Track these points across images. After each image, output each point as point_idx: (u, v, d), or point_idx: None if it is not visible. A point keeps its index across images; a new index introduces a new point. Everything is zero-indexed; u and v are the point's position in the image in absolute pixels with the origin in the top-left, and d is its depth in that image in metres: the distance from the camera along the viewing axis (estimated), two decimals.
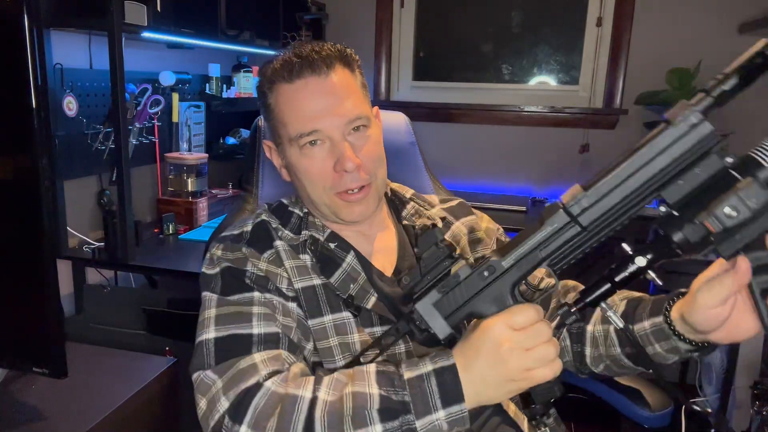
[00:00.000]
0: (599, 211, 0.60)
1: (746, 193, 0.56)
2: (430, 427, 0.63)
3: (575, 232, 0.62)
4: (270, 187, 1.18)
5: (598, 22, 2.53)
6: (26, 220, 0.88)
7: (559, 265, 0.64)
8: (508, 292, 0.65)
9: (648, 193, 0.59)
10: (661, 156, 0.58)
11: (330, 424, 0.64)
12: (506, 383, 0.64)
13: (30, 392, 1.05)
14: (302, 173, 0.86)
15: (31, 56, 0.83)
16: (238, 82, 2.34)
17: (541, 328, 0.63)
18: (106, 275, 1.84)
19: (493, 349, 0.63)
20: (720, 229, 0.56)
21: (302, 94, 0.83)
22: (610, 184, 0.60)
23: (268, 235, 0.87)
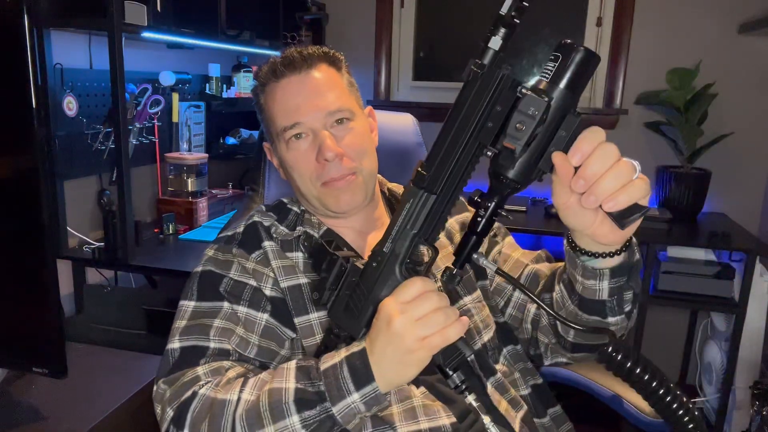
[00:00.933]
0: (441, 176, 0.66)
1: (524, 104, 0.60)
2: (347, 410, 0.67)
3: (431, 201, 0.67)
4: (276, 188, 1.22)
5: (598, 22, 2.53)
6: (26, 221, 0.88)
7: (431, 235, 0.69)
8: (397, 273, 0.69)
9: (471, 144, 0.65)
10: (466, 110, 0.64)
11: (249, 422, 0.68)
12: (406, 356, 0.66)
13: (30, 392, 1.05)
14: (290, 166, 0.91)
15: (31, 56, 0.83)
16: (238, 82, 2.34)
17: (428, 296, 0.66)
18: (106, 275, 1.84)
19: (386, 326, 0.66)
20: (520, 146, 0.61)
21: (286, 90, 0.89)
22: (439, 151, 0.66)
23: (258, 236, 0.90)
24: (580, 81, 0.61)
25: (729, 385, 2.13)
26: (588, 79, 0.63)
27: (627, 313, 0.77)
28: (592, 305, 0.76)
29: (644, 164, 0.65)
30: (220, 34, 1.99)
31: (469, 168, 0.66)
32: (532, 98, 0.60)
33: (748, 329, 2.06)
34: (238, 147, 2.38)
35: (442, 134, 0.66)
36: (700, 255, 2.13)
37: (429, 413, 0.80)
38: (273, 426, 0.67)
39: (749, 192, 2.42)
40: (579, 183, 0.61)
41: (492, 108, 0.63)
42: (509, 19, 0.62)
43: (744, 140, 2.36)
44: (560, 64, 0.61)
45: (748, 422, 2.13)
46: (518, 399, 0.89)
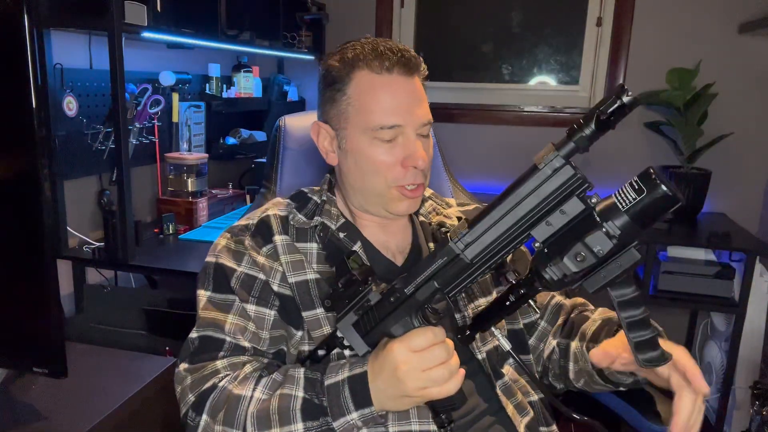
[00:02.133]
0: (480, 247, 0.67)
1: (592, 240, 0.60)
2: (346, 426, 0.73)
3: (462, 265, 0.68)
4: (288, 185, 1.24)
5: (598, 22, 2.53)
6: (26, 220, 0.88)
7: (453, 292, 0.70)
8: (413, 315, 0.72)
9: (520, 231, 0.65)
10: (528, 198, 0.63)
11: (259, 421, 0.74)
12: (403, 399, 0.71)
13: (30, 392, 1.05)
14: (367, 162, 0.89)
15: (31, 56, 0.83)
16: (238, 82, 2.34)
17: (436, 350, 0.69)
18: (106, 275, 1.84)
19: (392, 369, 0.70)
20: (572, 273, 0.62)
21: (392, 89, 0.87)
22: (487, 223, 0.66)
23: (270, 230, 0.91)
24: (651, 219, 0.60)
25: (729, 385, 2.13)
26: (658, 219, 0.62)
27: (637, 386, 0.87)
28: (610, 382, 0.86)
29: (644, 164, 0.66)
30: (220, 34, 1.98)
31: (510, 250, 0.67)
32: (602, 238, 0.60)
33: (748, 329, 2.06)
34: (238, 147, 2.38)
35: (497, 206, 0.65)
36: (700, 255, 2.13)
37: (422, 416, 0.81)
38: (279, 429, 0.73)
39: (749, 192, 2.42)
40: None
41: (557, 207, 0.63)
42: (606, 118, 0.59)
43: (744, 140, 2.36)
44: (640, 199, 0.59)
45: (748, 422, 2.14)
46: (525, 404, 0.90)
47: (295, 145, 1.25)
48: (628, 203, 0.60)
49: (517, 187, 0.64)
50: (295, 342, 0.87)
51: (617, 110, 0.59)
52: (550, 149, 0.62)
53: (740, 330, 2.03)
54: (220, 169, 2.34)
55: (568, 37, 2.64)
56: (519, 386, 0.91)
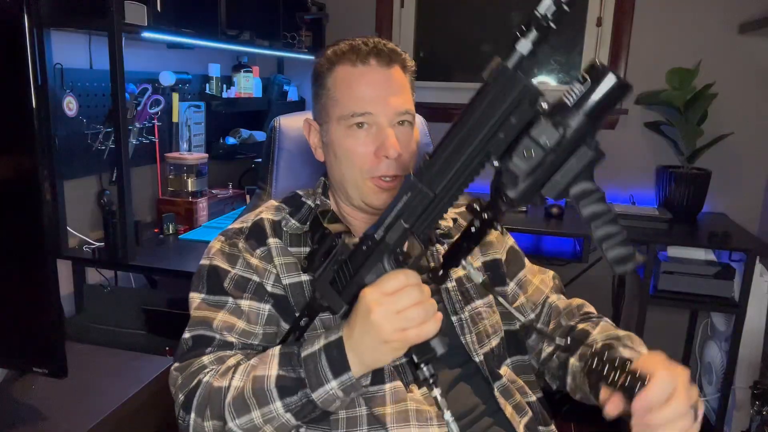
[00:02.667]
0: (443, 177, 0.64)
1: (537, 132, 0.57)
2: (326, 396, 0.70)
3: (428, 200, 0.66)
4: (283, 185, 1.24)
5: (598, 22, 2.53)
6: (26, 220, 0.88)
7: (423, 231, 0.68)
8: (384, 261, 0.69)
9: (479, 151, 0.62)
10: (482, 115, 0.61)
11: (236, 408, 0.73)
12: (381, 345, 0.67)
13: (30, 392, 1.05)
14: (343, 152, 0.90)
15: (31, 56, 0.83)
16: (238, 82, 2.34)
17: (410, 291, 0.66)
18: (106, 275, 1.84)
19: (365, 314, 0.67)
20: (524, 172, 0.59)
21: (365, 78, 0.88)
22: (446, 151, 0.63)
23: (264, 233, 0.91)
24: (605, 111, 0.57)
25: (729, 385, 2.13)
26: (613, 109, 0.59)
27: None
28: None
29: (644, 164, 0.65)
30: (220, 34, 1.99)
31: (473, 173, 0.64)
32: (547, 128, 0.57)
33: (748, 329, 2.06)
34: (238, 147, 2.38)
35: (451, 132, 0.64)
36: (700, 255, 2.13)
37: (421, 419, 0.81)
38: (259, 411, 0.72)
39: (749, 192, 2.42)
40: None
41: (507, 118, 0.60)
42: (544, 22, 0.57)
43: (744, 140, 2.36)
44: (588, 90, 0.56)
45: (748, 422, 2.14)
46: (523, 405, 0.89)
47: (291, 146, 1.25)
48: (575, 96, 0.57)
49: (470, 108, 0.62)
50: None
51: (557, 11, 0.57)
52: (496, 62, 0.60)
53: (740, 330, 2.03)
54: (220, 169, 2.34)
55: (568, 37, 2.64)
56: (517, 387, 0.91)
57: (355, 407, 0.81)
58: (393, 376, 0.83)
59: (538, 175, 0.59)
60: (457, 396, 0.86)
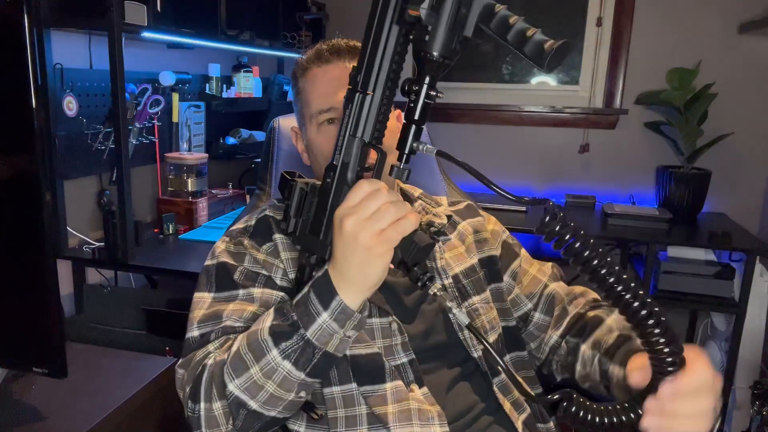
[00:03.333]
0: (371, 71, 0.66)
1: None
2: (321, 331, 0.67)
3: (369, 100, 0.67)
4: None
5: (598, 22, 2.53)
6: (26, 220, 0.88)
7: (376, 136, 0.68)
8: (348, 181, 0.69)
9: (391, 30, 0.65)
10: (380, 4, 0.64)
11: (234, 367, 0.70)
12: (365, 254, 0.64)
13: (30, 392, 1.05)
14: (317, 149, 0.93)
15: (31, 56, 0.83)
16: (238, 82, 2.34)
17: (376, 194, 0.65)
18: (106, 275, 1.84)
19: (339, 230, 0.65)
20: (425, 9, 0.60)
21: (327, 76, 0.91)
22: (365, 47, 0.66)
23: (269, 229, 0.92)
24: None
25: (729, 385, 2.13)
26: None
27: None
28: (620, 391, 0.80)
29: (644, 164, 0.65)
30: (220, 34, 1.99)
31: (397, 58, 0.66)
32: None
33: (748, 329, 2.06)
34: (238, 147, 2.38)
35: (365, 33, 0.67)
36: (700, 255, 2.13)
37: (423, 418, 0.80)
38: (257, 365, 0.69)
39: (749, 192, 2.42)
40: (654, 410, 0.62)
41: None
42: None
43: (744, 140, 2.36)
44: None
45: (748, 422, 2.14)
46: (521, 401, 0.89)
47: (290, 146, 1.25)
48: None
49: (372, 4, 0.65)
50: None
51: None
52: None
53: (740, 330, 2.03)
54: (220, 169, 2.34)
55: (568, 37, 2.63)
56: None
57: (355, 406, 0.81)
58: (394, 376, 0.83)
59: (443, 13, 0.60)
60: (456, 395, 0.85)
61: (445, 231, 0.99)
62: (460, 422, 0.84)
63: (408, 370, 0.84)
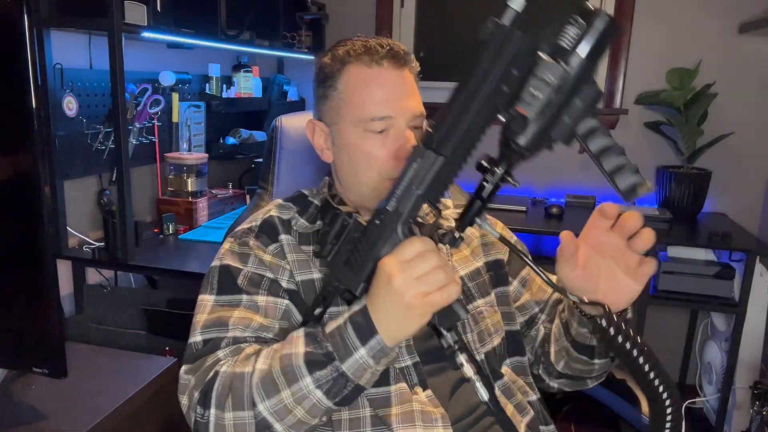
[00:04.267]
0: (452, 136, 0.65)
1: (541, 70, 0.59)
2: (357, 366, 0.68)
3: (441, 164, 0.66)
4: (284, 185, 1.24)
5: None
6: (26, 220, 0.88)
7: (436, 197, 0.68)
8: (399, 231, 0.69)
9: (487, 110, 0.63)
10: (485, 73, 0.62)
11: (264, 388, 0.70)
12: (406, 312, 0.66)
13: (30, 392, 1.05)
14: (361, 155, 0.89)
15: (31, 56, 0.83)
16: (238, 82, 2.34)
17: (428, 256, 0.66)
18: (106, 275, 1.84)
19: (386, 283, 0.66)
20: (534, 113, 0.60)
21: (381, 80, 0.88)
22: (454, 114, 0.64)
23: (275, 229, 0.91)
24: (600, 50, 0.59)
25: (729, 385, 2.13)
26: (606, 48, 0.61)
27: (611, 357, 0.84)
28: (582, 347, 0.84)
29: (644, 164, 0.66)
30: (220, 34, 1.99)
31: (481, 131, 0.65)
32: (550, 64, 0.58)
33: (748, 329, 2.06)
34: (238, 147, 2.38)
35: (455, 94, 0.64)
36: (700, 255, 2.13)
37: (426, 420, 0.80)
38: (288, 389, 0.69)
39: (749, 192, 2.42)
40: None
41: (508, 71, 0.61)
42: None
43: (744, 140, 2.36)
44: (581, 31, 0.59)
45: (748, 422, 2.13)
46: (525, 404, 0.90)
47: (292, 146, 1.25)
48: (572, 39, 0.60)
49: (470, 69, 0.63)
50: None
51: None
52: (491, 21, 0.63)
53: (740, 330, 2.03)
54: (220, 169, 2.34)
55: None
56: (518, 386, 0.91)
57: (359, 408, 0.81)
58: (398, 378, 0.83)
59: (546, 117, 0.60)
60: (459, 397, 0.86)
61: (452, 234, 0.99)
62: (463, 423, 0.84)
63: (412, 372, 0.84)
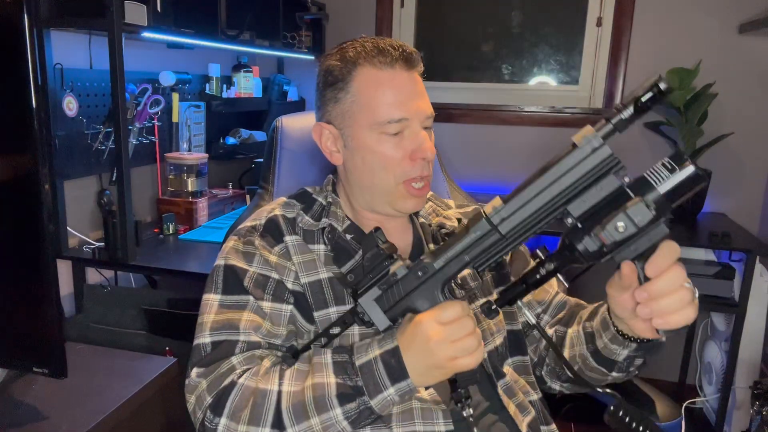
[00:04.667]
0: (515, 221, 0.68)
1: (633, 211, 0.63)
2: (384, 402, 0.72)
3: (495, 239, 0.70)
4: (285, 185, 1.24)
5: (598, 22, 2.53)
6: (26, 220, 0.88)
7: (482, 266, 0.72)
8: (439, 290, 0.73)
9: (556, 207, 0.67)
10: (566, 175, 0.66)
11: (296, 414, 0.73)
12: (434, 370, 0.71)
13: (30, 392, 1.05)
14: (376, 158, 0.89)
15: (31, 56, 0.83)
16: (238, 82, 2.34)
17: (465, 322, 0.71)
18: (106, 275, 1.84)
19: (423, 342, 0.70)
20: (611, 242, 0.64)
21: (396, 83, 0.88)
22: (524, 199, 0.67)
23: (280, 230, 0.91)
24: (683, 196, 0.64)
25: (729, 385, 2.13)
26: (687, 196, 0.65)
27: (629, 372, 0.85)
28: (604, 360, 0.84)
29: (644, 164, 0.67)
30: (220, 34, 1.99)
31: (544, 224, 0.68)
32: (643, 209, 0.63)
33: (748, 329, 2.06)
34: (238, 147, 2.38)
35: (532, 181, 0.67)
36: (700, 255, 2.13)
37: (426, 417, 0.81)
38: (318, 417, 0.72)
39: (749, 192, 2.42)
40: (642, 295, 0.66)
41: (591, 184, 0.65)
42: (643, 105, 0.64)
43: (744, 140, 2.36)
44: (673, 176, 0.63)
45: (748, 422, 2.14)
46: (526, 404, 0.90)
47: (292, 146, 1.25)
48: (662, 180, 0.64)
49: (554, 165, 0.66)
50: (305, 339, 0.87)
51: (654, 97, 0.63)
52: (589, 130, 0.65)
53: (740, 330, 2.03)
54: (220, 169, 2.34)
55: (568, 37, 2.64)
56: (519, 386, 0.91)
57: None
58: None
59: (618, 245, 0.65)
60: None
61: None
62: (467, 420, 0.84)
63: None
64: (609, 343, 0.81)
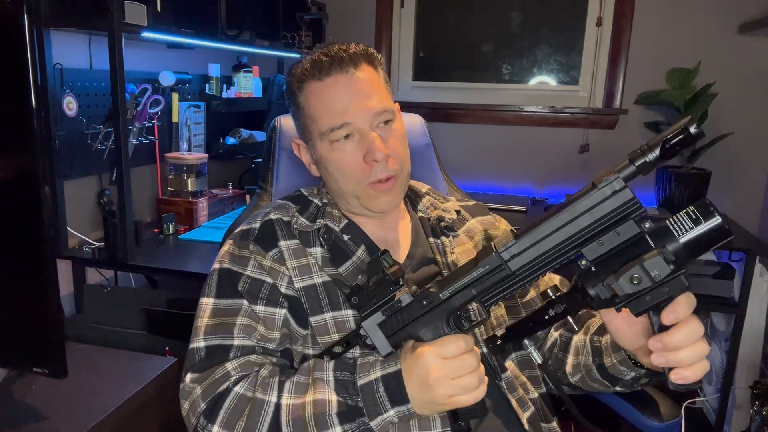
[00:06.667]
0: (526, 259, 0.66)
1: (650, 264, 0.60)
2: (383, 423, 0.72)
3: (504, 275, 0.68)
4: (284, 185, 1.24)
5: (598, 22, 2.53)
6: (26, 220, 0.88)
7: (489, 301, 0.71)
8: (443, 321, 0.72)
9: (570, 248, 0.64)
10: (583, 216, 0.63)
11: (296, 429, 0.72)
12: (430, 405, 0.71)
13: (30, 392, 1.05)
14: (334, 167, 0.90)
15: (31, 56, 0.83)
16: (238, 82, 2.34)
17: (467, 359, 0.70)
18: (106, 275, 1.84)
19: (423, 375, 0.70)
20: (624, 294, 0.62)
21: (332, 91, 0.87)
22: (537, 237, 0.65)
23: (274, 234, 0.90)
24: (705, 249, 0.61)
25: (729, 385, 2.13)
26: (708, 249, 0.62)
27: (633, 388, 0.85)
28: (609, 376, 0.84)
29: None
30: (220, 34, 1.99)
31: (557, 264, 0.66)
32: (661, 263, 0.60)
33: (748, 329, 2.06)
34: (237, 147, 2.38)
35: (547, 220, 0.65)
36: None
37: (422, 424, 0.80)
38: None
39: (749, 192, 2.42)
40: (657, 345, 0.64)
41: (609, 228, 0.62)
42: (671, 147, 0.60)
43: (744, 140, 2.36)
44: (697, 228, 0.60)
45: (748, 422, 2.13)
46: (526, 400, 0.90)
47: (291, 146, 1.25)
48: (684, 230, 0.60)
49: (572, 204, 0.63)
50: (299, 344, 0.86)
51: (683, 140, 0.59)
52: (610, 171, 0.62)
53: (740, 330, 2.03)
54: (220, 169, 2.34)
55: (568, 37, 2.64)
56: (520, 382, 0.91)
57: None
58: None
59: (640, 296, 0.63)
60: None
61: (454, 226, 0.99)
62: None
63: None
64: (618, 365, 0.81)
